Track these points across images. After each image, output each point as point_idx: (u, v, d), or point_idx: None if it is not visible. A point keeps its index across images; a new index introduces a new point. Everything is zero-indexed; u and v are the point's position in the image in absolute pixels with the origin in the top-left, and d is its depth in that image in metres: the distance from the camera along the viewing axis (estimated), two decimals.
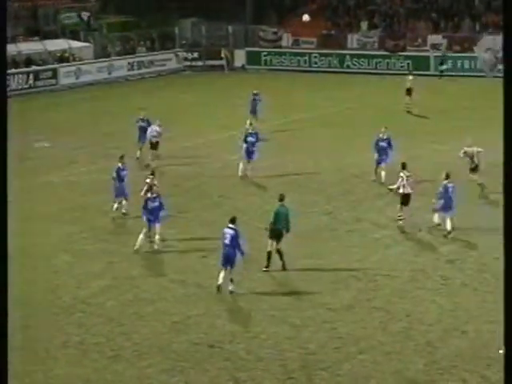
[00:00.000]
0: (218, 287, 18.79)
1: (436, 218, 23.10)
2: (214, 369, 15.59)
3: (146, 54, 56.18)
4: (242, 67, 57.42)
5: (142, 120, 31.37)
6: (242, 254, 18.88)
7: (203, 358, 15.94)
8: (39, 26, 56.39)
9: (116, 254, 21.87)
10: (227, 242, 18.84)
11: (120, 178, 24.43)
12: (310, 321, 17.57)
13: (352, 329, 17.14)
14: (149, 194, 21.95)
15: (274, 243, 20.32)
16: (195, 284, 19.68)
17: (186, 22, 59.99)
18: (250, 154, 28.79)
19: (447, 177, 22.99)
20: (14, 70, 49.17)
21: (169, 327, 17.33)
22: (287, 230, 20.34)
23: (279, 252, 20.36)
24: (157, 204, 21.85)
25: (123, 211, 24.59)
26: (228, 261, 18.84)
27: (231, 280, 18.80)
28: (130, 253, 21.94)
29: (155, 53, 56.68)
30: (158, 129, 30.14)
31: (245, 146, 29.00)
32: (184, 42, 58.99)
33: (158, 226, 21.67)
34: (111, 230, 23.98)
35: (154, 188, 22.08)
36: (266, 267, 20.25)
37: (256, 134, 29.32)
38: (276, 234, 20.35)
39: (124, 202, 24.54)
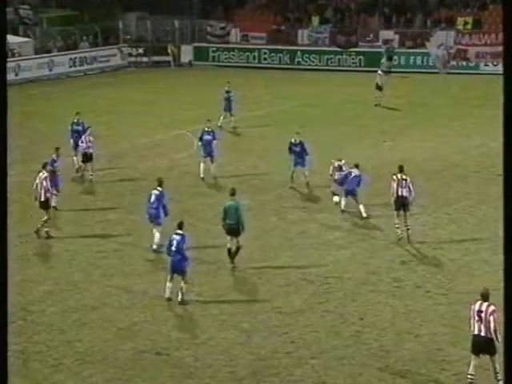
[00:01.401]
0: (168, 299, 18.58)
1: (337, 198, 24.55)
2: (161, 377, 15.50)
3: (89, 50, 55.75)
4: (189, 63, 57.28)
5: (77, 124, 30.08)
6: (186, 259, 18.64)
7: (150, 366, 15.84)
8: None
9: (56, 258, 21.66)
10: (174, 248, 18.60)
11: (53, 170, 24.77)
12: (261, 325, 17.58)
13: (304, 333, 17.18)
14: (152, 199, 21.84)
15: (234, 239, 20.48)
16: (141, 289, 19.56)
17: (130, 16, 59.66)
18: (207, 152, 28.75)
19: (357, 166, 24.63)
20: None
21: (113, 334, 17.19)
22: (242, 227, 20.47)
23: (237, 248, 20.51)
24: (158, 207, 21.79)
25: (53, 205, 24.78)
26: (175, 269, 18.60)
27: (181, 289, 18.53)
28: (70, 257, 21.75)
29: (98, 48, 56.27)
30: (90, 138, 28.80)
31: (200, 144, 29.04)
32: (128, 37, 58.65)
33: (158, 229, 21.72)
34: (53, 233, 23.70)
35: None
36: (231, 262, 20.47)
37: (213, 132, 29.18)
38: (232, 230, 20.45)
39: (55, 193, 24.88)
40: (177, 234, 18.75)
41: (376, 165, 30.41)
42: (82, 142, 28.79)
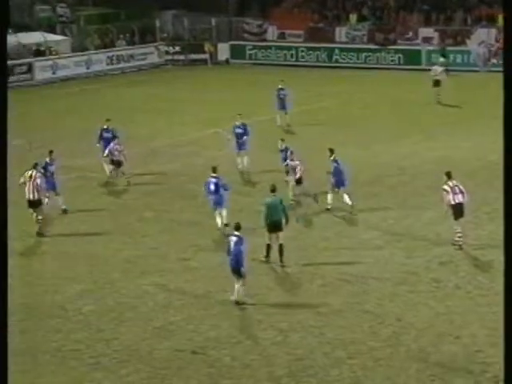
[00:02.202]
0: (236, 302, 18.43)
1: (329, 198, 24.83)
2: (197, 376, 15.58)
3: (126, 48, 56.12)
4: (226, 61, 57.43)
5: (107, 131, 29.29)
6: (243, 262, 18.49)
7: (186, 365, 15.93)
8: (13, 18, 56.22)
9: (95, 256, 21.84)
10: (231, 250, 18.51)
11: (48, 173, 24.81)
12: (298, 325, 17.60)
13: (341, 333, 17.18)
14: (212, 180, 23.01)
15: (273, 236, 20.66)
16: (177, 288, 19.67)
17: (167, 14, 59.97)
18: (239, 145, 29.20)
19: (331, 152, 25.11)
20: None
21: (150, 333, 17.31)
22: (287, 221, 20.77)
23: (281, 247, 20.65)
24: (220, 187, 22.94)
25: (63, 207, 24.85)
26: (233, 270, 18.46)
27: (237, 290, 18.39)
28: (108, 256, 21.92)
29: (135, 46, 56.63)
30: (117, 147, 28.30)
31: (234, 138, 29.55)
32: (165, 34, 58.96)
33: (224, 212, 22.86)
34: (92, 231, 23.91)
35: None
36: (266, 257, 20.70)
37: (244, 125, 29.58)
38: (276, 226, 20.62)
39: (56, 197, 24.97)
40: (234, 235, 18.68)
41: (415, 163, 30.32)
42: (111, 148, 28.21)
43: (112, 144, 28.45)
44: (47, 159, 25.40)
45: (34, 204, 23.28)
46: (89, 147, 29.92)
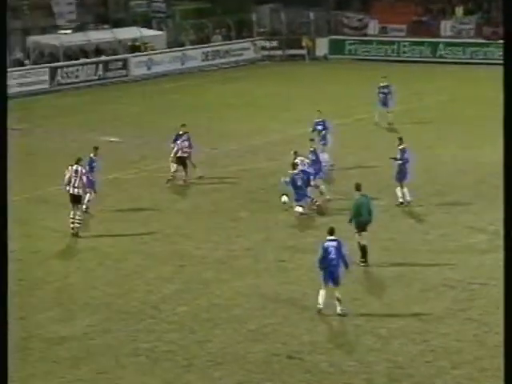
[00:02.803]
0: (319, 311, 18.12)
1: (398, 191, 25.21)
2: (293, 381, 15.53)
3: (222, 43, 56.50)
4: (325, 57, 57.29)
5: (181, 137, 28.72)
6: (347, 266, 18.23)
7: (281, 370, 15.88)
8: (109, 13, 57.29)
9: (188, 256, 22.00)
10: (332, 256, 17.99)
11: (91, 169, 24.95)
12: (398, 332, 17.37)
13: (445, 341, 16.88)
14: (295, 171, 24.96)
15: (362, 235, 20.72)
16: (272, 290, 19.64)
17: (263, 8, 60.14)
18: (321, 141, 29.60)
19: (400, 140, 26.09)
20: (83, 60, 50.08)
21: (244, 336, 17.33)
22: (371, 220, 20.84)
23: (365, 248, 20.62)
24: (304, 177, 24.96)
25: (84, 208, 24.67)
26: (333, 278, 18.07)
27: (338, 300, 18.04)
28: (202, 256, 22.05)
29: (231, 42, 56.95)
30: (186, 143, 28.53)
31: (313, 133, 30.13)
32: (262, 29, 59.13)
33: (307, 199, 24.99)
34: (183, 231, 24.10)
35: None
36: (364, 261, 20.68)
37: (323, 122, 30.19)
38: (365, 225, 20.71)
39: (92, 195, 24.92)
40: (330, 240, 18.23)
41: None
42: (179, 146, 28.42)
43: (179, 141, 28.62)
44: (92, 155, 25.47)
45: (77, 199, 23.43)
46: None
